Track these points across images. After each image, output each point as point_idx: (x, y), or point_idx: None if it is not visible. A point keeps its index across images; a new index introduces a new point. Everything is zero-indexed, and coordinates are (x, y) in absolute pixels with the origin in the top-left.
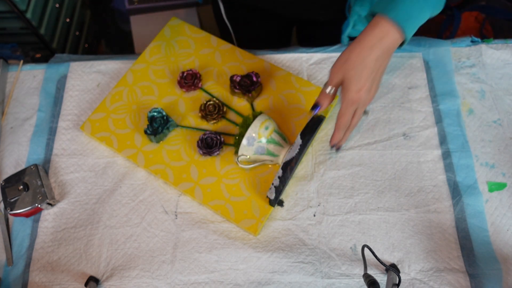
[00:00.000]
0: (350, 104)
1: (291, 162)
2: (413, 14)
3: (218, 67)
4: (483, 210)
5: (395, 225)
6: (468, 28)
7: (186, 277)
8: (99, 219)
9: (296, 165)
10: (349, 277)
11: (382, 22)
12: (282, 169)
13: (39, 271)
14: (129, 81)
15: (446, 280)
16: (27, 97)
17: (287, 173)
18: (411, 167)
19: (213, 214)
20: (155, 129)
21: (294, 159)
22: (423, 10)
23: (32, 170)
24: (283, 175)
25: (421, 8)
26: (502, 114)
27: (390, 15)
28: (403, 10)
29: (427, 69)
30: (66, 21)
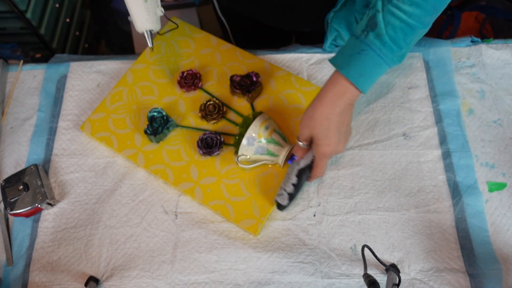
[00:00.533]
0: (322, 157)
1: (305, 170)
2: (366, 71)
3: (218, 67)
4: (483, 210)
5: (395, 225)
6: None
7: (186, 277)
8: (99, 219)
9: (308, 172)
10: (349, 277)
11: (340, 79)
12: (297, 177)
13: (39, 271)
14: (129, 81)
15: (446, 280)
16: (27, 97)
17: (302, 180)
18: (411, 167)
19: (213, 214)
20: (155, 129)
21: (308, 167)
22: (378, 66)
23: (32, 170)
24: (298, 183)
25: (374, 64)
26: (502, 114)
27: (343, 73)
28: (356, 67)
29: (427, 69)
30: (66, 21)
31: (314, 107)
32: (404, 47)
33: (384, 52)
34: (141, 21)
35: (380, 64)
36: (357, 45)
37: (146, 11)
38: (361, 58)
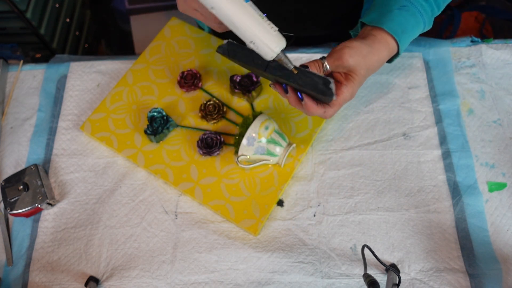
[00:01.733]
0: (341, 101)
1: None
2: (407, 29)
3: (218, 67)
4: (483, 210)
5: (395, 225)
6: (468, 28)
7: (186, 277)
8: (99, 219)
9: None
10: (349, 277)
11: (382, 31)
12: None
13: (39, 271)
14: (129, 81)
15: (446, 280)
16: (27, 97)
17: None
18: (411, 167)
19: (213, 214)
20: (155, 129)
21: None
22: (417, 24)
23: (32, 170)
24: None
25: (415, 22)
26: (502, 114)
27: (386, 28)
28: (398, 23)
29: (427, 69)
30: (66, 21)
31: (372, 51)
32: (441, 7)
33: (426, 9)
34: (271, 40)
35: (419, 23)
36: (397, 1)
37: (270, 29)
38: (403, 14)
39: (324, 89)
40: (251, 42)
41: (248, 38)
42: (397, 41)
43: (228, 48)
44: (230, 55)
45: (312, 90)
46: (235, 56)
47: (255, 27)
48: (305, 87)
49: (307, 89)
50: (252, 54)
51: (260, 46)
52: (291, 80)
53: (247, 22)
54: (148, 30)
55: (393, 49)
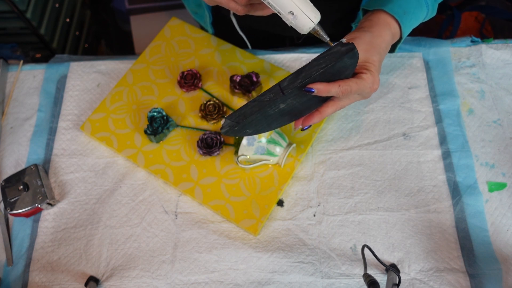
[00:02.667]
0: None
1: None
2: (409, 10)
3: (218, 67)
4: (483, 210)
5: (395, 225)
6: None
7: (186, 277)
8: (99, 219)
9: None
10: (349, 277)
11: (381, 14)
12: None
13: (39, 271)
14: (129, 81)
15: (446, 280)
16: (27, 97)
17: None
18: (411, 167)
19: (213, 214)
20: (155, 129)
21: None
22: (419, 6)
23: (32, 170)
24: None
25: (417, 4)
26: (502, 114)
27: (387, 9)
28: (399, 3)
29: (427, 69)
30: (66, 21)
31: (374, 34)
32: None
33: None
34: (311, 11)
35: (421, 6)
36: None
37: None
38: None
39: (342, 46)
40: (290, 12)
41: (288, 8)
42: (399, 22)
43: (231, 120)
44: (239, 121)
45: (337, 59)
46: (245, 117)
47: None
48: (331, 62)
49: (334, 62)
50: (257, 100)
51: (300, 17)
52: (314, 72)
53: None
54: (148, 30)
55: (396, 32)
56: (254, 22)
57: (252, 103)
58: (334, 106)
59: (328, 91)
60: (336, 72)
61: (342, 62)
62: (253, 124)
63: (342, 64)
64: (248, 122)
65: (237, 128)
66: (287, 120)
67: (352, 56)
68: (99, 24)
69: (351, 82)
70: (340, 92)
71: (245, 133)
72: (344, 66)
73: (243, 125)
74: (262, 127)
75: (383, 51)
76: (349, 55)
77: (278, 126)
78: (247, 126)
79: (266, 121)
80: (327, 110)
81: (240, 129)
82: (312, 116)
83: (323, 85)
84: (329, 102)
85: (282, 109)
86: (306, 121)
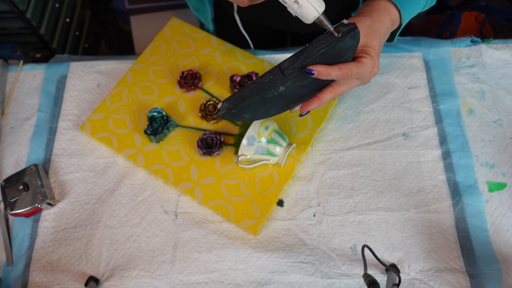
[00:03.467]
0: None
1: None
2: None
3: (218, 67)
4: (483, 210)
5: (395, 225)
6: (468, 28)
7: (186, 277)
8: (99, 219)
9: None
10: (349, 277)
11: (382, 0)
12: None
13: (39, 271)
14: (129, 81)
15: (446, 280)
16: (27, 97)
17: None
18: (411, 167)
19: (213, 214)
20: (155, 129)
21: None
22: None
23: (32, 170)
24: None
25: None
26: (502, 114)
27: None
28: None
29: (427, 69)
30: (66, 21)
31: (374, 19)
32: None
33: None
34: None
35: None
36: None
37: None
38: None
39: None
40: (295, 1)
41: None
42: (399, 9)
43: (229, 102)
44: (237, 104)
45: (339, 38)
46: (243, 100)
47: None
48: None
49: (335, 41)
50: (256, 82)
51: (305, 6)
52: (315, 52)
53: None
54: (148, 30)
55: (396, 18)
56: (257, 18)
57: (251, 85)
58: (333, 92)
59: (328, 74)
60: (337, 54)
61: (343, 43)
62: (251, 108)
63: (343, 44)
64: (246, 105)
65: (235, 111)
66: (285, 106)
67: (353, 37)
68: (99, 24)
69: (352, 65)
70: (341, 75)
71: (242, 117)
72: (345, 48)
73: (241, 108)
74: (260, 112)
75: (383, 36)
76: (350, 35)
77: (276, 113)
78: (244, 110)
79: (265, 106)
80: (325, 96)
81: (238, 113)
82: (311, 101)
83: (324, 68)
84: (328, 88)
85: (281, 93)
86: (304, 106)
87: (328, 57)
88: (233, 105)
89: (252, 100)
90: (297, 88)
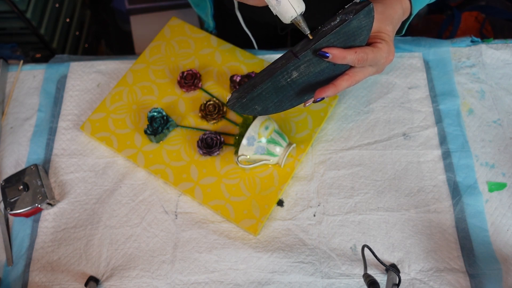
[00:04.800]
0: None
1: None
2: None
3: (218, 67)
4: (483, 210)
5: (395, 225)
6: (468, 28)
7: (186, 277)
8: (99, 219)
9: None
10: (349, 277)
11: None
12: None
13: (39, 271)
14: (129, 81)
15: (446, 280)
16: (27, 97)
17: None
18: (411, 167)
19: (213, 214)
20: (155, 129)
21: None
22: None
23: (32, 170)
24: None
25: None
26: (502, 114)
27: None
28: None
29: (427, 69)
30: (66, 21)
31: (386, 6)
32: None
33: None
34: (297, 1)
35: None
36: None
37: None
38: None
39: (357, 5)
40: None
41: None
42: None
43: (238, 92)
44: (248, 92)
45: (353, 15)
46: (254, 87)
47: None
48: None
49: (349, 19)
50: (267, 68)
51: (283, 4)
52: (328, 31)
53: None
54: (148, 30)
55: (406, 7)
56: (256, 14)
57: (262, 72)
58: (350, 80)
59: (344, 58)
60: (351, 34)
61: (357, 21)
62: (262, 98)
63: (357, 23)
64: (257, 95)
65: (245, 101)
66: (298, 97)
67: (367, 13)
68: (99, 24)
69: (368, 49)
70: (356, 59)
71: (253, 110)
72: (359, 27)
73: (252, 98)
74: (273, 104)
75: (396, 23)
76: (364, 12)
77: (289, 106)
78: (255, 100)
79: (277, 96)
80: (342, 83)
81: (248, 103)
82: (327, 87)
83: (339, 51)
84: (344, 75)
85: (294, 80)
86: (320, 92)
87: (342, 37)
88: (243, 94)
89: (263, 88)
90: (311, 74)
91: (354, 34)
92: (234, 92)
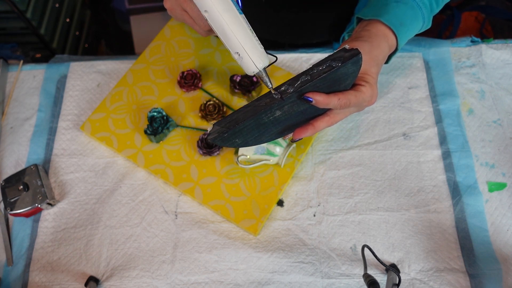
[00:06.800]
0: (365, 104)
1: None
2: (406, 21)
3: (218, 67)
4: (483, 210)
5: (395, 225)
6: (468, 28)
7: (186, 277)
8: (99, 219)
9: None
10: (349, 277)
11: (378, 24)
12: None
13: (39, 271)
14: (129, 81)
15: (446, 280)
16: (27, 97)
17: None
18: (411, 167)
19: (213, 214)
20: (155, 129)
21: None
22: (415, 18)
23: (32, 170)
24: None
25: (413, 15)
26: (502, 114)
27: (383, 20)
28: (396, 15)
29: (427, 69)
30: (66, 21)
31: (373, 45)
32: (440, 5)
33: (424, 2)
34: (257, 56)
35: (417, 17)
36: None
37: (258, 45)
38: (400, 6)
39: (346, 52)
40: (236, 53)
41: (235, 48)
42: (395, 33)
43: (220, 126)
44: (230, 127)
45: (341, 63)
46: (237, 123)
47: (245, 40)
48: (334, 67)
49: (337, 67)
50: (251, 105)
51: (245, 59)
52: (315, 76)
53: (238, 33)
54: (148, 30)
55: (392, 43)
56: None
57: (245, 108)
58: (329, 121)
59: (327, 104)
60: (337, 80)
61: (345, 68)
62: (244, 133)
63: (344, 70)
64: (239, 130)
65: (226, 135)
66: (279, 133)
67: (355, 62)
68: (99, 24)
69: (350, 95)
70: (339, 105)
71: (233, 143)
72: (346, 73)
73: (233, 133)
74: (253, 138)
75: (380, 63)
76: (353, 61)
77: (268, 139)
78: (237, 135)
79: (258, 131)
80: (321, 124)
81: (229, 137)
82: (305, 128)
83: (323, 97)
84: (324, 116)
85: (277, 118)
86: (298, 133)
87: (328, 82)
88: (225, 129)
89: (246, 124)
90: (293, 113)
91: (340, 80)
92: (216, 125)
